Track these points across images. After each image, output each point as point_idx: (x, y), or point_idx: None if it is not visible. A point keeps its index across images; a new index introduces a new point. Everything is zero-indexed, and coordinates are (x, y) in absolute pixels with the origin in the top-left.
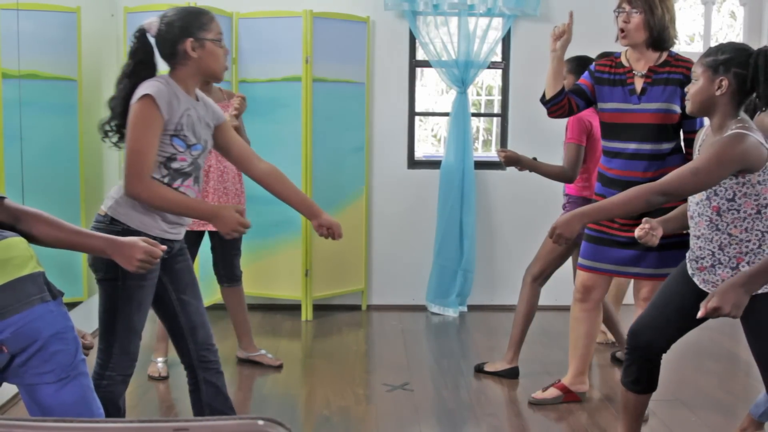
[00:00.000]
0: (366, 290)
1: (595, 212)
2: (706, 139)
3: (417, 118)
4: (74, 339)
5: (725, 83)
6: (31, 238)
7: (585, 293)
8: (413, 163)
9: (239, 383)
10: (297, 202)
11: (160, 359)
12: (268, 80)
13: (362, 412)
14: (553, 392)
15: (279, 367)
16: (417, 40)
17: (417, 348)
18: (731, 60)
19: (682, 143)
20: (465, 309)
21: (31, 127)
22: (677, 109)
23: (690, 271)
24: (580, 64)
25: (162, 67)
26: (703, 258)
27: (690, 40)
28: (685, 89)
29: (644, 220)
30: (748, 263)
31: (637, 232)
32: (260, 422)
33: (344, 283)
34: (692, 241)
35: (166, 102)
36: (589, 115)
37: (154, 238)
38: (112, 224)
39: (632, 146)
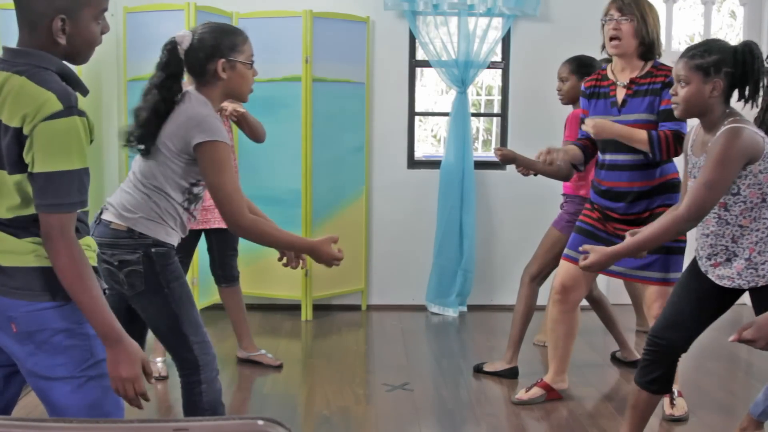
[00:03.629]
0: (366, 290)
1: (627, 250)
2: (696, 138)
3: (417, 118)
4: (90, 337)
5: (719, 85)
6: None
7: (564, 294)
8: (413, 163)
9: (239, 383)
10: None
11: (159, 359)
12: (268, 80)
13: (362, 412)
14: (536, 391)
15: (279, 367)
16: (417, 40)
17: (417, 348)
18: (721, 61)
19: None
20: (465, 309)
21: None
22: (655, 117)
23: (703, 269)
24: (580, 64)
25: None
26: (716, 254)
27: (690, 40)
28: (670, 92)
29: (629, 232)
30: (759, 252)
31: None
32: (260, 422)
33: (344, 283)
34: (701, 240)
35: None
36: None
37: (174, 246)
38: (140, 238)
39: (614, 157)
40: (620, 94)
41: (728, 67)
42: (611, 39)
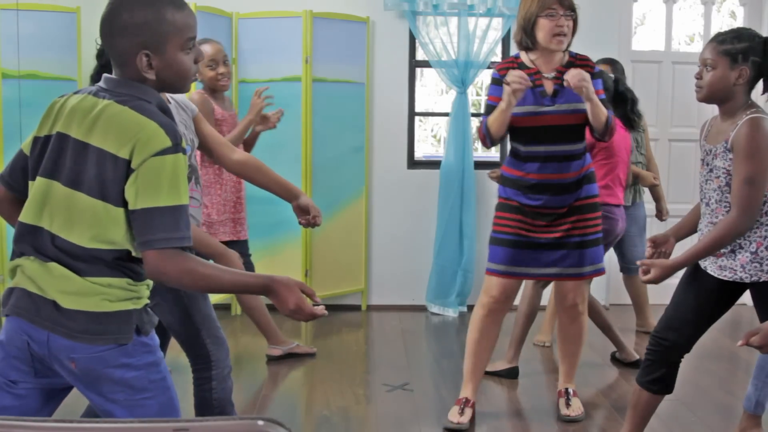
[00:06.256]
0: (366, 290)
1: (688, 259)
2: (712, 128)
3: (417, 118)
4: (148, 366)
5: (745, 72)
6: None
7: (505, 301)
8: (413, 163)
9: (239, 383)
10: (275, 187)
11: None
12: (268, 80)
13: (362, 412)
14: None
15: (313, 355)
16: (417, 40)
17: (417, 348)
18: (750, 49)
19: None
20: (465, 309)
21: (31, 127)
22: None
23: (703, 264)
24: None
25: None
26: None
27: (690, 40)
28: (695, 75)
29: (648, 239)
30: (767, 247)
31: (647, 253)
32: (260, 422)
33: (344, 283)
34: (706, 229)
35: None
36: None
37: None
38: None
39: (549, 148)
40: (548, 85)
41: (756, 56)
42: (557, 35)
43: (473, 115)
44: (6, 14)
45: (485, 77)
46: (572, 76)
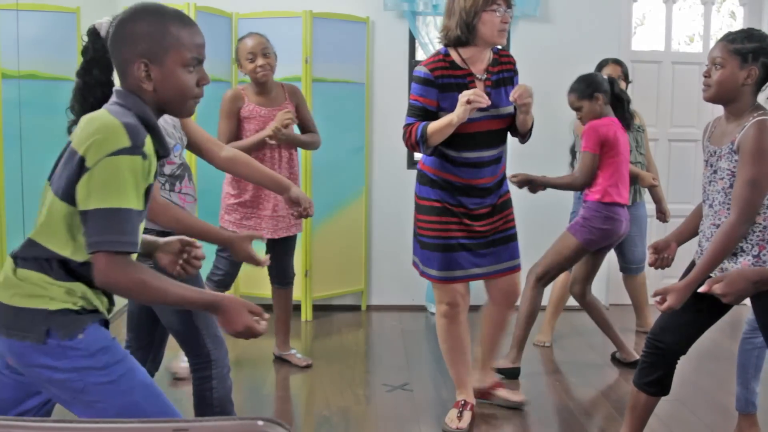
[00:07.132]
0: (366, 290)
1: (699, 274)
2: (716, 129)
3: None
4: (79, 369)
5: (754, 73)
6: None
7: (461, 303)
8: (413, 163)
9: (239, 383)
10: (265, 180)
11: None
12: None
13: (362, 412)
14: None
15: (307, 367)
16: (417, 41)
17: (417, 348)
18: (760, 49)
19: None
20: None
21: (31, 127)
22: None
23: None
24: (587, 86)
25: None
26: None
27: (690, 40)
28: (704, 74)
29: (649, 246)
30: None
31: (649, 260)
32: (260, 422)
33: (344, 283)
34: (709, 231)
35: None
36: (606, 124)
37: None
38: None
39: (481, 154)
40: (480, 87)
41: (766, 57)
42: (501, 30)
43: None
44: (6, 14)
45: None
46: (519, 95)
